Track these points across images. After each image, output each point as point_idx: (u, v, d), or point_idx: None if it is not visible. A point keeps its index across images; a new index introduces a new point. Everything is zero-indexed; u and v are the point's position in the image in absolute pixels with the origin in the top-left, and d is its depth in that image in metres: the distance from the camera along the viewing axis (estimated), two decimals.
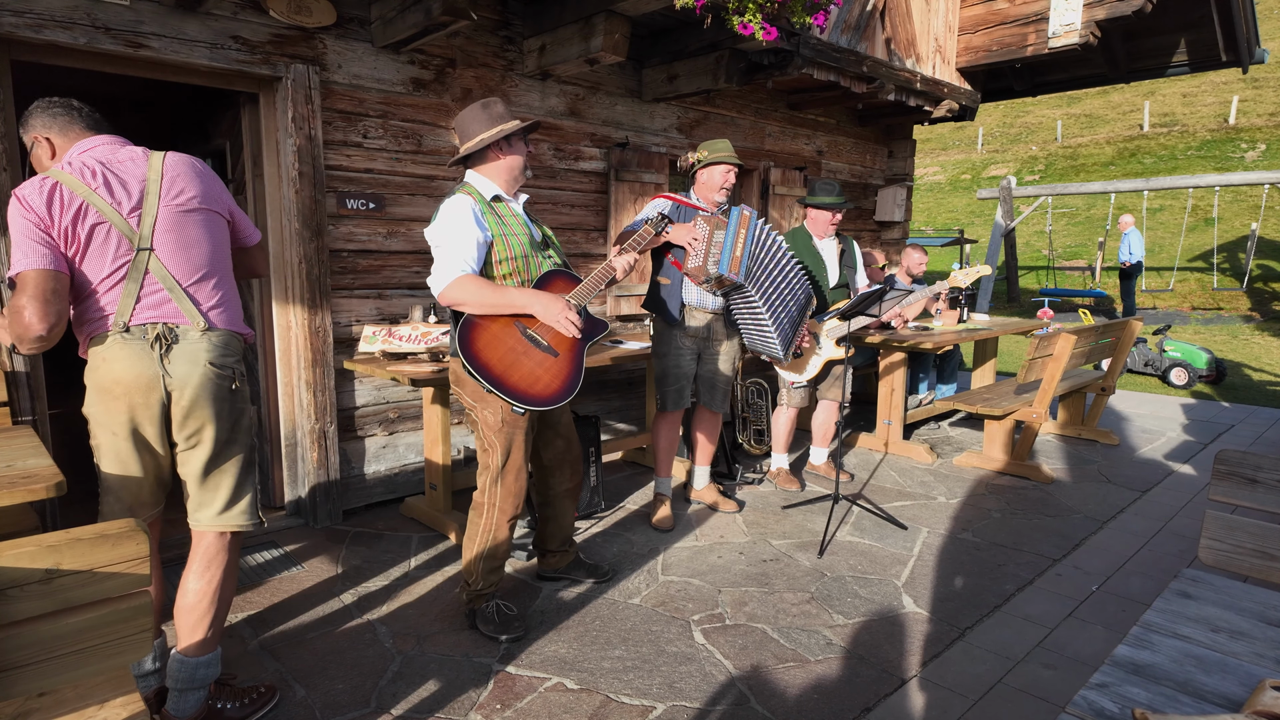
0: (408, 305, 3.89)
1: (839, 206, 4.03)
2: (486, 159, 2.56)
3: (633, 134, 4.81)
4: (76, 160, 1.91)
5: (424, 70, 3.82)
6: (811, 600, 2.95)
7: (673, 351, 3.54)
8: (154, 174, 1.95)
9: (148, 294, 1.92)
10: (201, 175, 2.06)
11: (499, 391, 2.37)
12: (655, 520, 3.64)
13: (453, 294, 2.39)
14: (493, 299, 2.40)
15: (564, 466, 2.88)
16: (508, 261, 2.51)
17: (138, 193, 1.92)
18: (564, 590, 3.01)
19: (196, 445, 1.99)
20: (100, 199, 1.86)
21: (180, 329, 1.94)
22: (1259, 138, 21.77)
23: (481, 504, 2.65)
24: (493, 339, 2.43)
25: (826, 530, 3.47)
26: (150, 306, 1.92)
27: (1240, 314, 12.38)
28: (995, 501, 4.10)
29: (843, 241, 4.24)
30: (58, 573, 1.23)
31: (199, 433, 1.98)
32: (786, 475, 4.28)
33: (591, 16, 3.67)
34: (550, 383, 2.47)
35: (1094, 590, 3.06)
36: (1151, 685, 1.22)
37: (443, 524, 3.56)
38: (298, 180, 3.42)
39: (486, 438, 2.57)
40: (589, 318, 2.60)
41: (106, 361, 1.89)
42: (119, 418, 1.92)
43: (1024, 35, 5.65)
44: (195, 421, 1.96)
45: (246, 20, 3.25)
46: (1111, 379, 5.27)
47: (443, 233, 2.42)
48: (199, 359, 1.94)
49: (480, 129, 2.52)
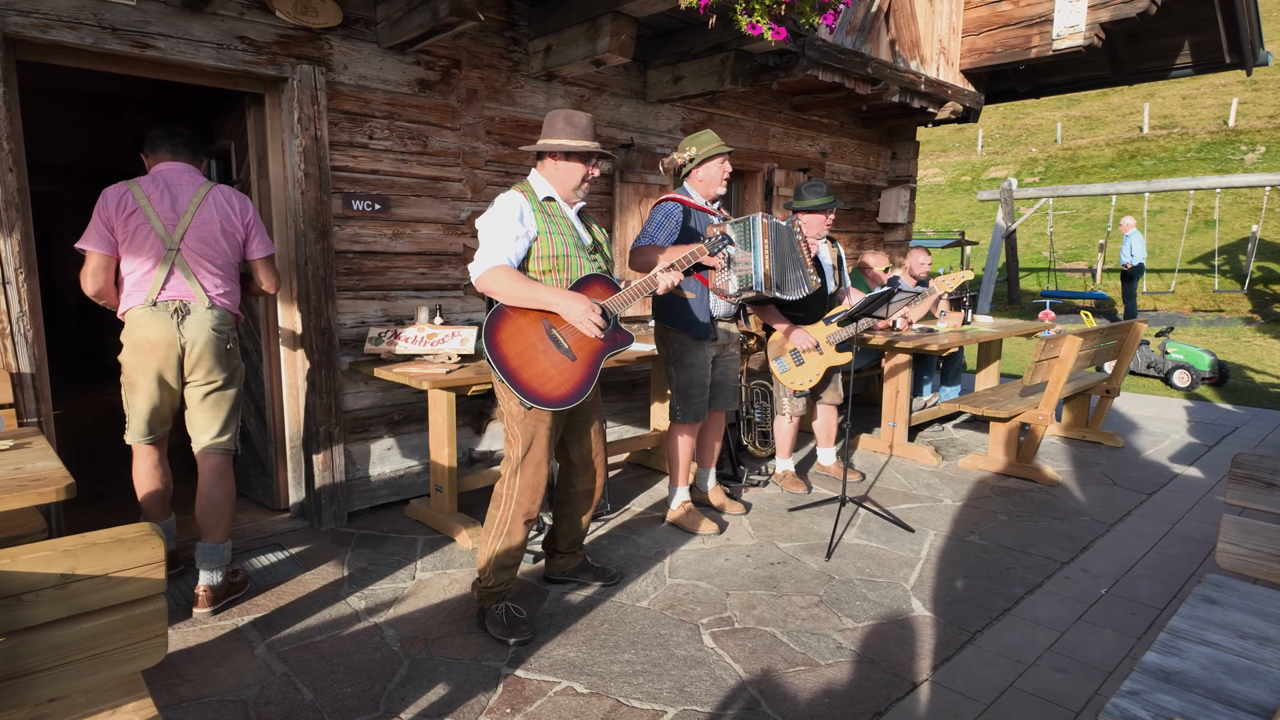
0: (413, 307, 3.88)
1: (829, 207, 3.94)
2: (546, 163, 2.66)
3: (638, 135, 4.81)
4: (151, 175, 2.75)
5: (429, 71, 3.82)
6: (820, 603, 2.94)
7: (699, 364, 3.51)
8: (196, 198, 2.75)
9: (172, 280, 2.70)
10: (229, 203, 2.83)
11: (509, 384, 2.43)
12: (681, 520, 3.64)
13: (487, 282, 2.47)
14: (522, 292, 2.47)
15: (588, 467, 2.88)
16: (549, 259, 2.58)
17: (182, 208, 2.72)
18: (571, 593, 3.00)
19: (203, 384, 2.79)
20: (151, 207, 2.67)
21: (192, 305, 2.72)
22: (1259, 140, 21.79)
23: (500, 495, 2.67)
24: (517, 332, 2.48)
25: (834, 533, 3.46)
26: (172, 288, 2.70)
27: (1241, 316, 12.39)
28: (1001, 504, 4.09)
29: (834, 245, 4.24)
30: (73, 577, 1.21)
31: (205, 375, 2.78)
32: (793, 478, 4.27)
33: (598, 17, 3.66)
34: (561, 385, 2.48)
35: (1103, 593, 3.05)
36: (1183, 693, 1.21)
37: (448, 526, 3.54)
38: (303, 181, 3.40)
39: (511, 429, 2.60)
40: (617, 328, 2.60)
41: (140, 325, 2.67)
42: (150, 366, 2.70)
43: (1028, 37, 5.65)
44: (202, 368, 2.76)
45: (253, 21, 3.24)
46: (1116, 381, 5.26)
47: (489, 223, 2.53)
48: (205, 325, 2.73)
49: (554, 135, 2.62)
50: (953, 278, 4.11)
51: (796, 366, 4.07)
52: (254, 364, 3.78)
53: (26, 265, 2.80)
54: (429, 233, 3.92)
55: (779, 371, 4.13)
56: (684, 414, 3.55)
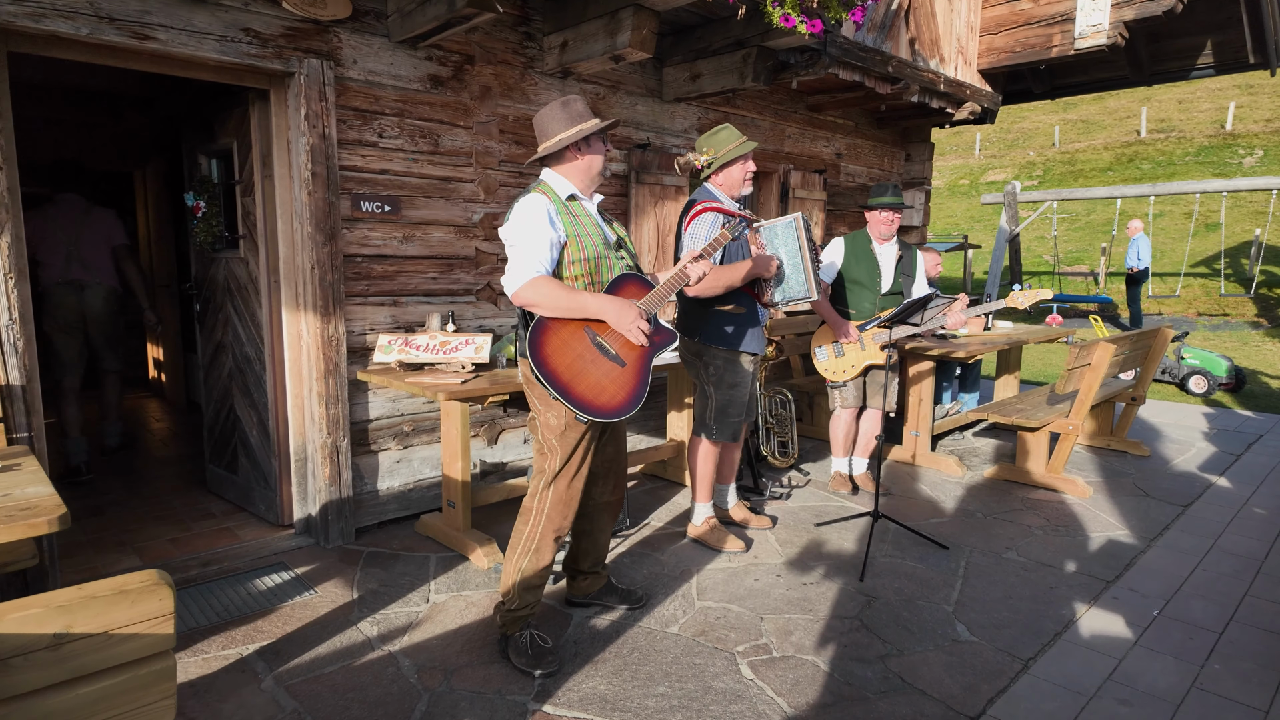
0: (424, 313, 3.71)
1: (893, 206, 4.04)
2: (564, 159, 2.49)
3: (653, 135, 4.65)
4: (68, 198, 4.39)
5: (442, 67, 3.65)
6: (860, 628, 2.78)
7: (742, 383, 3.35)
8: (87, 217, 4.36)
9: (72, 265, 4.25)
10: (103, 220, 4.44)
11: (565, 400, 2.27)
12: (705, 537, 3.48)
13: (527, 295, 2.29)
14: (566, 302, 2.31)
15: (610, 476, 2.72)
16: (580, 263, 2.41)
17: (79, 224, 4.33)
18: (596, 618, 2.83)
19: (97, 336, 4.39)
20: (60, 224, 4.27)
21: (86, 281, 4.29)
22: (1256, 143, 21.81)
23: (530, 509, 2.50)
24: (562, 344, 2.32)
25: (867, 551, 3.30)
26: (74, 272, 4.25)
27: (1247, 320, 12.30)
28: (1035, 518, 3.94)
29: (903, 248, 4.15)
30: (68, 637, 1.04)
31: (98, 331, 4.39)
32: (841, 479, 4.33)
33: (618, 11, 3.50)
34: (616, 394, 2.33)
35: (1155, 615, 2.90)
36: None
37: (462, 543, 3.37)
38: (310, 181, 3.23)
39: (547, 441, 2.44)
40: (659, 326, 2.46)
41: (55, 296, 4.21)
42: (65, 323, 4.25)
43: (1049, 36, 5.52)
44: (95, 326, 4.36)
45: (258, 12, 3.07)
46: (1142, 389, 5.12)
47: (518, 232, 2.34)
48: (98, 295, 4.33)
49: (559, 128, 2.43)
50: (1027, 294, 3.93)
51: (836, 358, 4.10)
52: (257, 373, 3.60)
53: (17, 270, 2.62)
54: (440, 235, 3.75)
55: (818, 359, 4.17)
56: (720, 433, 3.38)
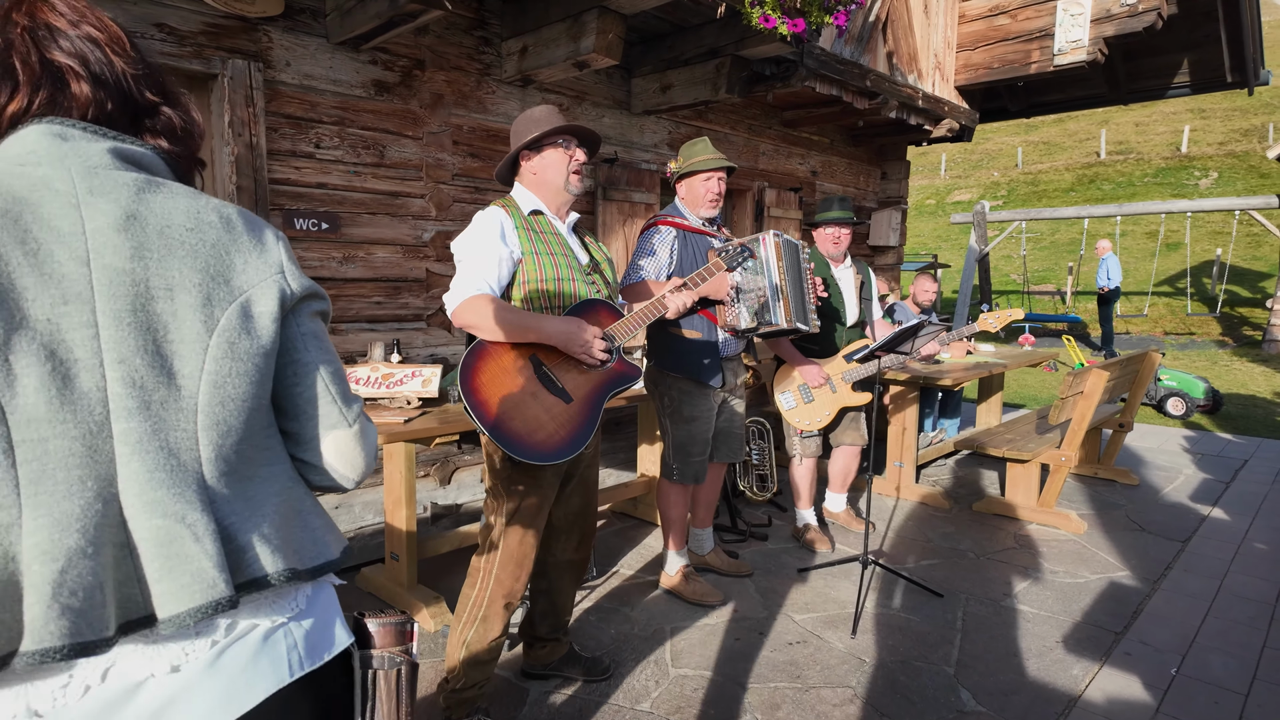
0: (366, 341, 3.36)
1: (841, 221, 3.61)
2: (523, 169, 2.22)
3: (621, 149, 4.37)
4: None
5: (388, 72, 3.33)
6: (855, 699, 2.47)
7: (701, 416, 2.99)
8: None
9: None
10: None
11: (493, 435, 1.94)
12: (680, 589, 3.14)
13: (464, 315, 2.01)
14: (509, 321, 2.01)
15: (574, 531, 2.38)
16: (536, 283, 2.12)
17: None
18: (556, 692, 2.48)
19: None
20: None
21: None
22: (1210, 165, 22.36)
23: (476, 570, 2.18)
24: (500, 373, 2.01)
25: (858, 603, 3.00)
26: None
27: (1213, 339, 12.40)
28: (1029, 557, 3.69)
29: (860, 270, 3.81)
30: None
31: None
32: (816, 532, 3.75)
33: (582, 14, 3.22)
34: (555, 432, 2.00)
35: (1174, 675, 2.64)
36: None
37: (406, 601, 3.00)
38: (235, 196, 2.88)
39: (494, 486, 2.14)
40: (622, 360, 2.15)
41: None
42: None
43: (1028, 52, 5.38)
44: None
45: (175, 6, 2.73)
46: (1130, 414, 4.94)
47: (465, 247, 2.10)
48: None
49: (521, 138, 2.19)
50: (998, 316, 3.69)
51: (805, 404, 3.62)
52: None
53: None
54: (386, 256, 3.41)
55: (785, 408, 3.67)
56: (681, 474, 3.03)
